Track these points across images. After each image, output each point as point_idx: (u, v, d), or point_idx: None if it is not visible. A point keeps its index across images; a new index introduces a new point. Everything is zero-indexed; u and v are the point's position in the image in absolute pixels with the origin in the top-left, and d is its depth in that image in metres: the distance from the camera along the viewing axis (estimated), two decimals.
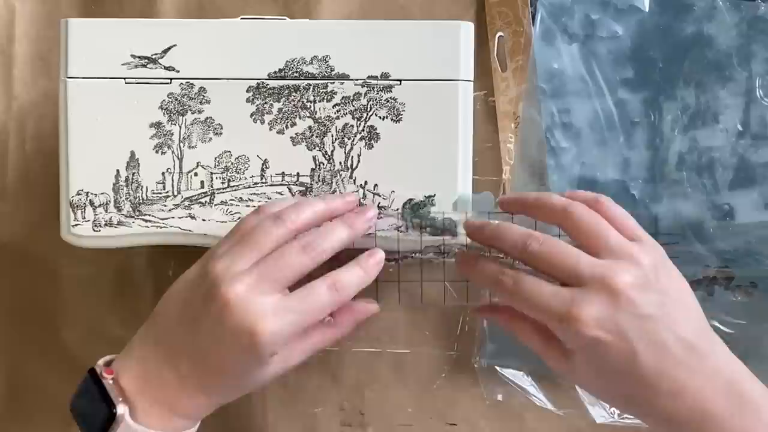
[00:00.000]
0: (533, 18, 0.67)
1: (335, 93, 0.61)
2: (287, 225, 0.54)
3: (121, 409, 0.52)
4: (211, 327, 0.52)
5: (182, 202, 0.61)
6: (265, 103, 0.61)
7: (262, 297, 0.51)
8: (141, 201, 0.61)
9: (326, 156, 0.61)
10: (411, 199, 0.61)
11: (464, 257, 0.58)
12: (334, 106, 0.61)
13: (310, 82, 0.61)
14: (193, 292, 0.54)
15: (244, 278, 0.51)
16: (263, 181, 0.61)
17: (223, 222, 0.61)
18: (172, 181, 0.61)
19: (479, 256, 0.58)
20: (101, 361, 0.56)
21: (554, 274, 0.52)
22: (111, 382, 0.53)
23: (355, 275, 0.55)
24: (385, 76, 0.61)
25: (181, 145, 0.61)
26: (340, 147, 0.61)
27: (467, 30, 0.61)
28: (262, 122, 0.61)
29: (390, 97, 0.61)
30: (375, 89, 0.61)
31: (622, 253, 0.52)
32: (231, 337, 0.51)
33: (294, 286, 0.54)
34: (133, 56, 0.61)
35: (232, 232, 0.56)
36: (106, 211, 0.61)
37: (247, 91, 0.61)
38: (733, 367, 0.51)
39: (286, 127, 0.61)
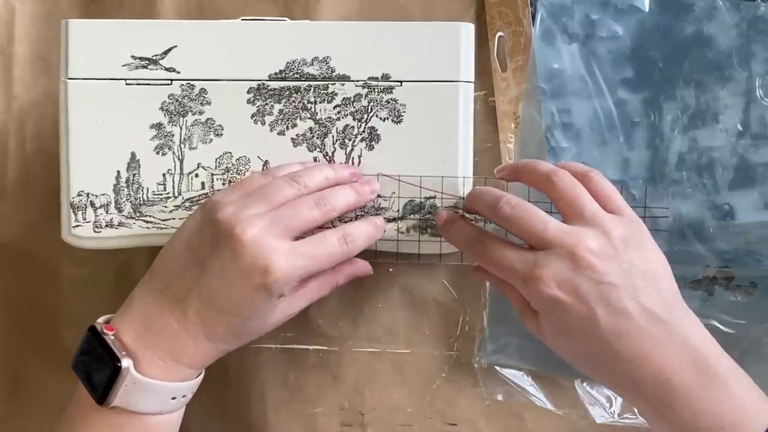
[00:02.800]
0: (533, 18, 0.67)
1: (336, 94, 0.61)
2: (300, 186, 0.56)
3: (126, 363, 0.53)
4: (220, 269, 0.53)
5: (183, 203, 0.61)
6: (266, 104, 0.61)
7: (275, 240, 0.53)
8: (142, 202, 0.61)
9: (327, 157, 0.61)
10: (411, 200, 0.61)
11: (443, 220, 0.60)
12: (334, 107, 0.61)
13: (311, 83, 0.61)
14: (198, 239, 0.55)
15: (258, 221, 0.53)
16: None
17: None
18: (173, 182, 0.61)
19: (456, 219, 0.59)
20: (101, 319, 0.57)
21: (524, 237, 0.55)
22: (112, 337, 0.54)
23: (364, 229, 0.58)
24: (385, 77, 0.61)
25: (182, 146, 0.61)
26: (341, 148, 0.61)
27: (467, 31, 0.61)
28: (263, 123, 0.61)
29: (391, 99, 0.61)
30: (376, 90, 0.61)
31: (594, 222, 0.53)
32: (242, 277, 0.52)
33: None
34: (134, 57, 0.61)
35: (235, 188, 0.57)
36: (106, 212, 0.61)
37: (248, 92, 0.61)
38: (702, 342, 0.52)
39: (287, 128, 0.61)
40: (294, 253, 0.53)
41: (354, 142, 0.61)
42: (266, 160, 0.61)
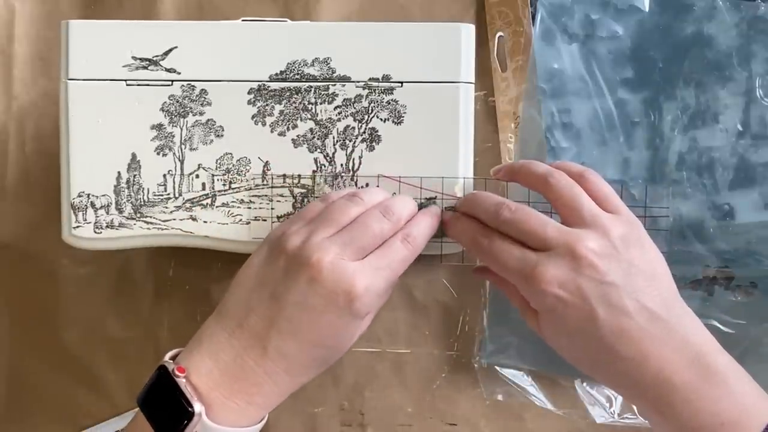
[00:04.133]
0: (533, 18, 0.67)
1: (336, 95, 0.61)
2: (361, 203, 0.56)
3: (198, 408, 0.51)
4: (300, 298, 0.52)
5: (183, 204, 0.61)
6: (267, 105, 0.61)
7: (351, 261, 0.53)
8: (142, 203, 0.61)
9: (327, 158, 0.61)
10: None
11: (448, 216, 0.60)
12: (335, 108, 0.61)
13: (312, 84, 0.61)
14: (268, 274, 0.54)
15: (330, 246, 0.53)
16: (264, 183, 0.61)
17: (224, 224, 0.61)
18: (174, 183, 0.61)
19: (461, 216, 0.59)
20: (169, 357, 0.54)
21: (525, 241, 0.54)
22: (184, 380, 0.52)
23: (423, 223, 0.57)
24: (386, 78, 0.61)
25: (183, 147, 0.61)
26: (342, 149, 0.61)
27: (468, 32, 0.61)
28: (264, 124, 0.61)
29: (391, 99, 0.61)
30: (376, 91, 0.61)
31: (594, 223, 0.53)
32: (325, 302, 0.52)
33: None
34: (134, 58, 0.61)
35: (297, 218, 0.57)
36: (107, 213, 0.61)
37: (249, 93, 0.61)
38: (702, 340, 0.52)
39: (288, 129, 0.61)
40: (371, 270, 0.53)
41: (354, 143, 0.61)
42: (267, 161, 0.61)
